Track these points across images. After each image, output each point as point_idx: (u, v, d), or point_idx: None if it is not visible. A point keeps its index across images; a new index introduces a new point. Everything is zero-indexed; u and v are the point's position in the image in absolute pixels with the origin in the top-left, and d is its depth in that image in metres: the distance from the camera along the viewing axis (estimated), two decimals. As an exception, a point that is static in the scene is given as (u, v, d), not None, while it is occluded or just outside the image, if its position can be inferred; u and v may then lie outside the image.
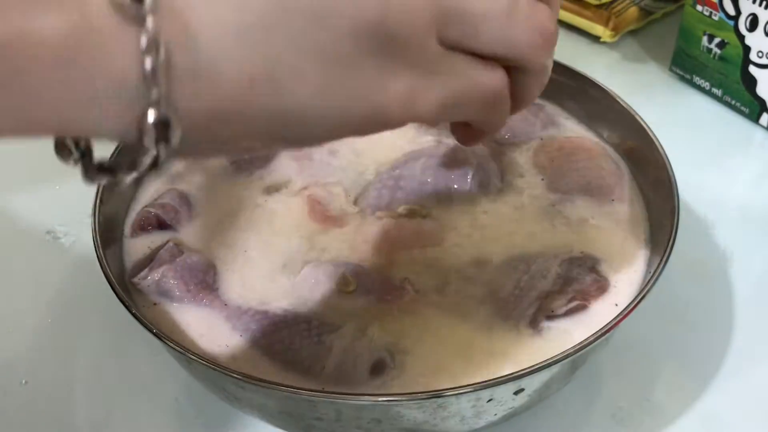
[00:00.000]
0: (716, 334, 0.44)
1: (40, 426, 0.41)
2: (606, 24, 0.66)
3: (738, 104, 0.59)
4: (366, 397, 0.33)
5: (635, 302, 0.35)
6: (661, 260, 0.37)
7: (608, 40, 0.66)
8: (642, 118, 0.45)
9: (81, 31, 0.22)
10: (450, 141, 0.46)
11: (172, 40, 0.23)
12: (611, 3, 0.66)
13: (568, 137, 0.48)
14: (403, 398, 0.33)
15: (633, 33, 0.68)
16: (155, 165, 0.24)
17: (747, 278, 0.47)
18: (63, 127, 0.23)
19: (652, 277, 0.36)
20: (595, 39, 0.67)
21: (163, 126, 0.23)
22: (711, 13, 0.57)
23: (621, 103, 0.46)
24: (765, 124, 0.58)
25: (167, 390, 0.42)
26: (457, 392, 0.32)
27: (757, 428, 0.40)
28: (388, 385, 0.36)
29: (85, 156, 0.25)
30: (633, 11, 0.67)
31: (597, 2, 0.66)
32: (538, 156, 0.47)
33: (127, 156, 0.25)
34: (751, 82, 0.57)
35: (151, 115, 0.23)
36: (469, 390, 0.32)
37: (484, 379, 0.32)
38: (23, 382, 0.42)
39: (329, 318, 0.38)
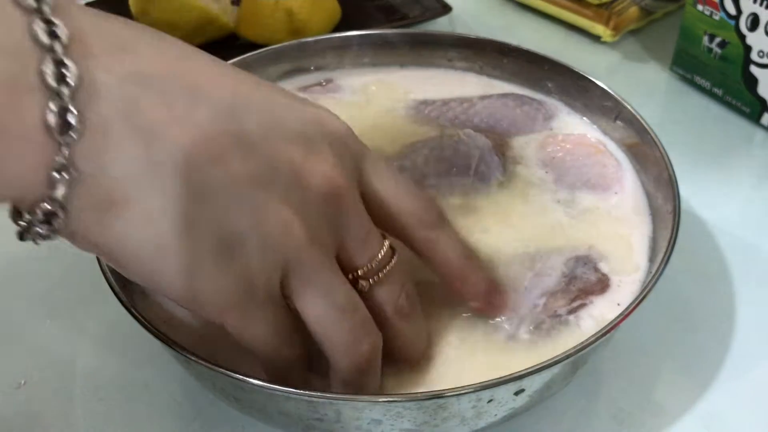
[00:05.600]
0: (717, 334, 0.44)
1: (39, 426, 0.40)
2: (606, 24, 0.66)
3: (739, 104, 0.59)
4: (366, 398, 0.33)
5: (635, 302, 0.35)
6: (662, 260, 0.37)
7: (609, 39, 0.66)
8: (643, 118, 0.45)
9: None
10: (452, 133, 0.46)
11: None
12: (612, 3, 0.66)
13: (569, 134, 0.48)
14: (403, 399, 0.33)
15: (633, 33, 0.68)
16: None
17: (747, 278, 0.47)
18: None
19: (653, 277, 0.36)
20: (596, 39, 0.67)
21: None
22: (712, 12, 0.57)
23: (622, 103, 0.46)
24: (766, 124, 0.58)
25: (167, 390, 0.42)
26: (457, 393, 0.32)
27: (758, 428, 0.40)
28: (388, 385, 0.35)
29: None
30: (633, 11, 0.67)
31: (597, 2, 0.66)
32: (539, 152, 0.47)
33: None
34: (752, 82, 0.57)
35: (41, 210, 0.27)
36: (469, 390, 0.32)
37: (484, 380, 0.32)
38: (23, 382, 0.42)
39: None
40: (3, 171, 0.26)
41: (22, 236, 0.28)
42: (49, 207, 0.27)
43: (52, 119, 0.26)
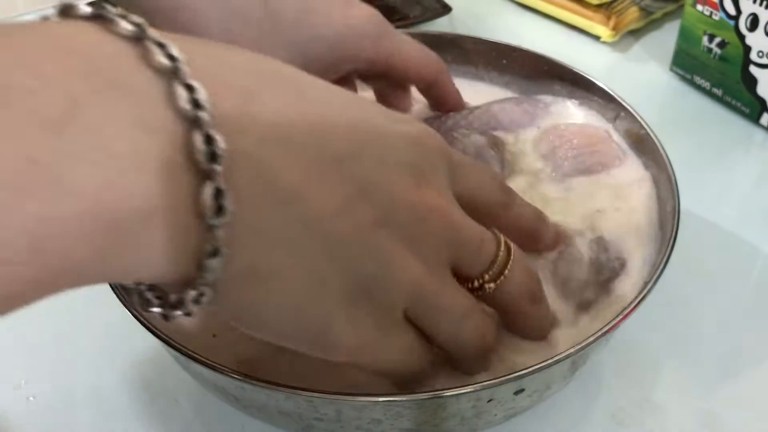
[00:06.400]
0: (716, 334, 0.44)
1: (39, 427, 0.40)
2: (606, 24, 0.66)
3: (738, 104, 0.59)
4: (366, 397, 0.33)
5: (635, 302, 0.35)
6: (661, 260, 0.37)
7: (608, 40, 0.66)
8: (642, 119, 0.45)
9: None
10: (447, 135, 0.46)
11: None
12: (611, 3, 0.66)
13: (570, 124, 0.47)
14: (403, 398, 0.33)
15: (633, 33, 0.68)
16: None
17: (747, 278, 0.47)
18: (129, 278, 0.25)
19: (652, 277, 0.36)
20: (596, 39, 0.67)
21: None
22: (711, 12, 0.57)
23: (621, 103, 0.46)
24: (765, 124, 0.58)
25: (167, 390, 0.42)
26: (457, 392, 0.32)
27: (757, 428, 0.40)
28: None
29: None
30: (633, 11, 0.67)
31: (597, 2, 0.66)
32: (539, 144, 0.46)
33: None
34: (751, 82, 0.57)
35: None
36: (469, 390, 0.32)
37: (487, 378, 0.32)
38: (23, 382, 0.42)
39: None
40: (149, 261, 0.24)
41: (167, 318, 0.27)
42: (197, 291, 0.25)
43: (207, 203, 0.23)
